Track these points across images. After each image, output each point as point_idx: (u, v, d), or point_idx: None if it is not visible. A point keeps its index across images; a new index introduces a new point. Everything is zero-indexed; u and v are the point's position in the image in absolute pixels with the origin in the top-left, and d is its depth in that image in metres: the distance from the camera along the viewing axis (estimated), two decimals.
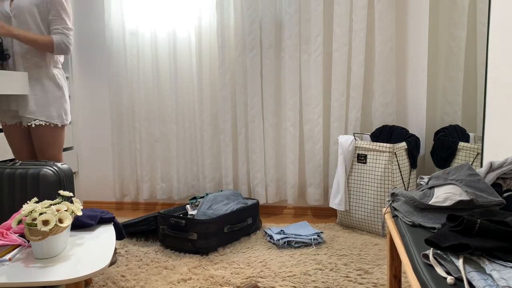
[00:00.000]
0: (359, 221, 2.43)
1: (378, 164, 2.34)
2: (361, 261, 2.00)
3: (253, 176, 2.80)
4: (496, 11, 1.69)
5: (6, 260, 1.37)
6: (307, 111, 2.70)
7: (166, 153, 2.96)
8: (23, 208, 1.41)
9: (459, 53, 2.39)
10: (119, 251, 2.20)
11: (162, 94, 2.90)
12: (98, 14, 2.98)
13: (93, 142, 3.10)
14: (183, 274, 1.90)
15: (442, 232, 1.00)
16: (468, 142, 2.30)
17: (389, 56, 2.55)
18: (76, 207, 1.48)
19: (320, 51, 2.62)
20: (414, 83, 2.62)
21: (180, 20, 2.84)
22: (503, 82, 1.63)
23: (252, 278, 1.85)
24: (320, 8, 2.59)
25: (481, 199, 1.21)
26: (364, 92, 2.66)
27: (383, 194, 2.32)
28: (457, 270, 0.88)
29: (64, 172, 1.88)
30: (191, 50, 2.85)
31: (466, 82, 2.37)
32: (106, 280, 1.83)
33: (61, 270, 1.29)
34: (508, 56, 1.60)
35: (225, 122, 2.80)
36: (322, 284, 1.77)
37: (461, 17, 2.36)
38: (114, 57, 2.89)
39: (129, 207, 3.09)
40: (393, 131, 2.50)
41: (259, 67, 2.74)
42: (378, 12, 2.52)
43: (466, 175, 1.29)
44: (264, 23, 2.69)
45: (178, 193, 2.93)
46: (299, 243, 2.22)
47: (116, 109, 2.95)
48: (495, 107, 1.69)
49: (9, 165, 1.86)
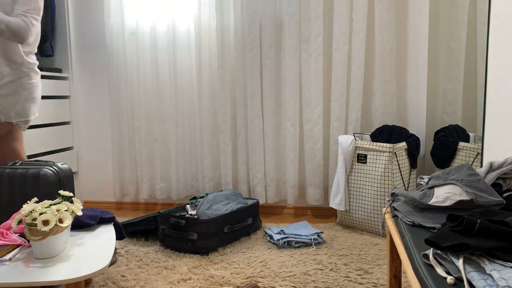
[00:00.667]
0: (359, 221, 2.43)
1: (378, 164, 2.34)
2: (361, 261, 2.00)
3: (253, 176, 2.80)
4: (496, 11, 1.69)
5: (6, 260, 1.37)
6: (307, 111, 2.70)
7: (165, 153, 2.96)
8: (23, 208, 1.41)
9: (459, 53, 2.39)
10: (119, 251, 2.20)
11: (161, 94, 2.90)
12: (98, 14, 2.98)
13: (93, 142, 3.10)
14: (183, 274, 1.90)
15: (442, 232, 1.00)
16: (468, 142, 2.30)
17: (389, 56, 2.55)
18: (76, 207, 1.48)
19: (320, 51, 2.62)
20: (414, 83, 2.62)
21: (180, 20, 2.84)
22: (503, 82, 1.63)
23: (252, 278, 1.85)
24: (320, 8, 2.60)
25: (481, 199, 1.21)
26: (364, 92, 2.66)
27: (383, 194, 2.32)
28: (457, 270, 0.88)
29: (64, 172, 1.88)
30: (190, 50, 2.85)
31: (466, 82, 2.37)
32: (106, 280, 1.83)
33: (61, 270, 1.29)
34: (508, 56, 1.60)
35: (225, 122, 2.80)
36: (322, 284, 1.77)
37: (461, 17, 2.36)
38: (114, 57, 2.89)
39: (129, 207, 3.09)
40: (393, 131, 2.50)
41: (259, 67, 2.74)
42: (378, 12, 2.52)
43: (466, 175, 1.29)
44: (264, 23, 2.69)
45: (177, 193, 2.93)
46: (299, 243, 2.22)
47: (116, 109, 2.95)
48: (495, 107, 1.69)
49: (9, 165, 1.87)
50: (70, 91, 2.99)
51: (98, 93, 3.05)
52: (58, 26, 2.94)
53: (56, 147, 2.81)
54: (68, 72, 2.96)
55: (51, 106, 2.76)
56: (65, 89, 2.94)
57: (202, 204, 2.29)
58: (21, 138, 2.12)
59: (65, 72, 2.96)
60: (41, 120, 2.65)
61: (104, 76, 3.03)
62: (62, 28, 2.94)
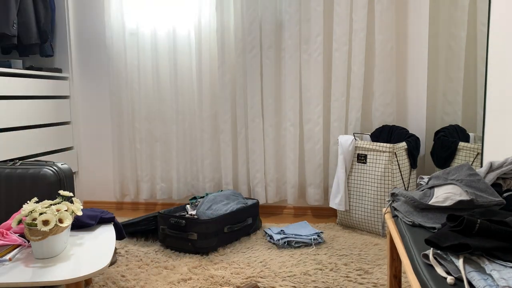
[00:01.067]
0: (359, 221, 2.43)
1: (378, 164, 2.34)
2: (361, 261, 2.00)
3: (253, 176, 2.80)
4: (496, 11, 1.69)
5: (6, 260, 1.37)
6: (307, 111, 2.70)
7: (166, 153, 2.97)
8: (23, 208, 1.41)
9: (459, 53, 2.39)
10: (119, 251, 2.20)
11: (162, 94, 2.90)
12: (98, 14, 2.98)
13: (93, 142, 3.10)
14: (183, 274, 1.90)
15: (442, 232, 1.00)
16: (468, 142, 2.30)
17: (389, 56, 2.55)
18: (76, 207, 1.48)
19: (320, 51, 2.62)
20: (414, 83, 2.62)
21: (180, 20, 2.84)
22: (503, 81, 1.63)
23: (252, 278, 1.85)
24: (320, 8, 2.60)
25: (481, 199, 1.21)
26: (364, 92, 2.66)
27: (383, 194, 2.32)
28: (457, 270, 0.88)
29: (64, 172, 1.88)
30: (191, 50, 2.85)
31: (466, 82, 2.37)
32: (106, 280, 1.83)
33: (61, 270, 1.29)
34: (508, 55, 1.60)
35: (225, 122, 2.80)
36: (322, 284, 1.77)
37: (461, 16, 2.36)
38: (114, 57, 2.90)
39: (129, 207, 3.09)
40: (393, 131, 2.50)
41: (259, 67, 2.74)
42: (378, 12, 2.52)
43: (466, 175, 1.29)
44: (264, 23, 2.69)
45: (177, 193, 2.93)
46: (299, 243, 2.22)
47: (116, 109, 2.95)
48: (495, 107, 1.70)
49: (9, 165, 1.87)
50: (70, 91, 2.99)
51: (98, 93, 3.05)
52: (58, 26, 2.94)
53: (56, 147, 2.81)
54: (68, 72, 2.96)
55: (51, 106, 2.76)
56: (65, 89, 2.94)
57: (202, 204, 2.29)
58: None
59: (65, 72, 2.96)
60: (41, 120, 2.65)
61: (104, 77, 3.03)
62: (62, 28, 2.94)
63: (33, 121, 2.57)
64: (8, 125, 2.37)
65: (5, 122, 2.34)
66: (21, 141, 2.46)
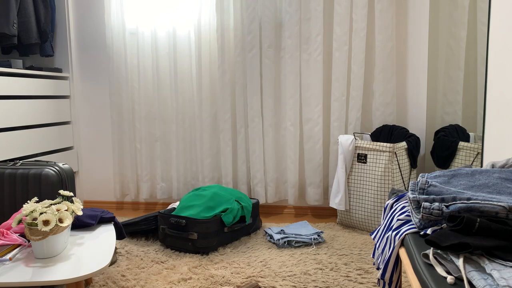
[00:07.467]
0: (359, 221, 2.43)
1: (378, 164, 2.34)
2: (361, 260, 2.00)
3: (253, 176, 2.81)
4: (497, 11, 1.69)
5: (7, 259, 1.37)
6: (307, 111, 2.70)
7: (166, 153, 2.97)
8: (24, 208, 1.41)
9: (459, 52, 2.39)
10: (119, 250, 2.20)
11: (162, 94, 2.90)
12: (98, 14, 2.98)
13: (93, 142, 3.10)
14: (183, 273, 1.90)
15: (442, 231, 1.00)
16: (468, 141, 2.30)
17: (389, 56, 2.55)
18: (76, 206, 1.48)
19: (320, 50, 2.62)
20: (414, 82, 2.62)
21: (180, 20, 2.84)
22: (504, 81, 1.63)
23: (252, 277, 1.85)
24: (320, 7, 2.60)
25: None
26: (364, 92, 2.66)
27: (383, 194, 2.32)
28: (457, 269, 0.89)
29: (66, 172, 1.88)
30: (191, 50, 2.85)
31: (466, 81, 2.37)
32: (106, 280, 1.83)
33: (62, 270, 1.29)
34: (509, 55, 1.60)
35: (225, 121, 2.80)
36: (322, 284, 1.77)
37: (461, 16, 2.36)
38: (114, 57, 2.90)
39: (129, 207, 3.09)
40: (393, 130, 2.50)
41: (259, 66, 2.74)
42: (378, 11, 2.52)
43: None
44: (264, 22, 2.69)
45: (178, 193, 2.93)
46: (299, 242, 2.22)
47: (116, 108, 2.95)
48: (495, 107, 1.70)
49: (10, 165, 1.87)
50: (70, 91, 2.99)
51: (98, 93, 3.05)
52: (58, 26, 2.94)
53: (56, 147, 2.81)
54: (68, 72, 2.97)
55: (51, 106, 2.76)
56: (65, 89, 2.94)
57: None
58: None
59: (65, 72, 2.97)
60: (41, 120, 2.65)
61: (104, 76, 3.03)
62: (62, 28, 2.94)
63: (33, 121, 2.57)
64: (8, 125, 2.37)
65: (5, 122, 2.34)
66: (21, 141, 2.46)
